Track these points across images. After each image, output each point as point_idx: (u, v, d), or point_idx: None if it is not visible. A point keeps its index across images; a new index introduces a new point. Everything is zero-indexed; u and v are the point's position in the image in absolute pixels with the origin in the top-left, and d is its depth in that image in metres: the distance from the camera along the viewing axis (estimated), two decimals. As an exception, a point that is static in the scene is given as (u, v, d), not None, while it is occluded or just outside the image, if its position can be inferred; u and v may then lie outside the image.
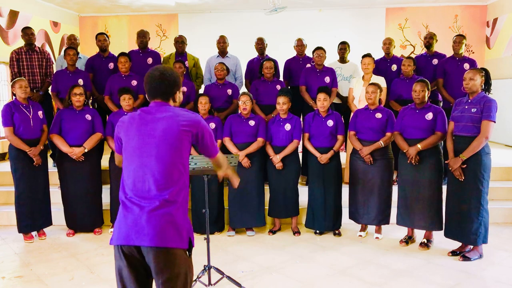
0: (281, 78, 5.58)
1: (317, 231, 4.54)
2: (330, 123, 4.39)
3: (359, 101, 4.90)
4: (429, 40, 5.44)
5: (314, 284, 3.41)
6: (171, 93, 2.06)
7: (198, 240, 3.49)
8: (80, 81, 5.05)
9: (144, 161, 1.93)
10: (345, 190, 4.56)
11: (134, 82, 5.07)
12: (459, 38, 5.18)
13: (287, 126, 4.45)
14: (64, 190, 4.56)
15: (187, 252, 1.98)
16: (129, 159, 1.97)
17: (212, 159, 2.23)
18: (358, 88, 4.95)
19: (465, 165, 3.70)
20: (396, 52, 6.67)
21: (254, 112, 4.67)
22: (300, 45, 5.57)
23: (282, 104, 4.43)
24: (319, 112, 4.44)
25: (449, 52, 5.32)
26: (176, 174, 1.94)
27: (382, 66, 5.37)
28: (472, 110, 3.67)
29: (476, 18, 8.68)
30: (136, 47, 5.78)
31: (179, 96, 2.12)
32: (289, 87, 5.47)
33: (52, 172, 4.69)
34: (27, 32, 5.24)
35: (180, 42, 5.62)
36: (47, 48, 8.07)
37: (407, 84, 4.84)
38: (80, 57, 5.52)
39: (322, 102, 4.37)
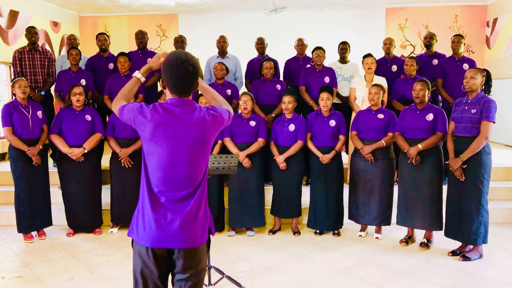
0: (281, 78, 5.58)
1: (317, 231, 4.54)
2: (332, 123, 4.39)
3: (362, 102, 4.89)
4: (429, 40, 5.44)
5: (314, 284, 3.41)
6: (196, 85, 1.98)
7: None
8: (83, 81, 5.06)
9: (175, 169, 1.89)
10: (346, 191, 4.56)
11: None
12: (458, 38, 5.18)
13: (291, 127, 4.44)
14: (64, 190, 4.56)
15: (207, 247, 2.04)
16: (158, 164, 1.90)
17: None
18: (361, 88, 4.94)
19: (466, 165, 3.70)
20: (396, 52, 6.67)
21: (254, 112, 4.67)
22: (300, 45, 5.57)
23: (287, 103, 4.43)
24: (321, 112, 4.44)
25: (449, 52, 5.32)
26: (201, 175, 1.96)
27: (382, 66, 5.37)
28: (472, 111, 3.67)
29: (476, 18, 8.68)
30: (136, 47, 5.78)
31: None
32: (288, 87, 5.47)
33: (52, 172, 4.69)
34: (31, 31, 5.25)
35: (179, 42, 5.62)
36: (47, 48, 8.06)
37: (410, 84, 4.82)
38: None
39: (325, 102, 4.36)
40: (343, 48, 5.51)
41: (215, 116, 1.95)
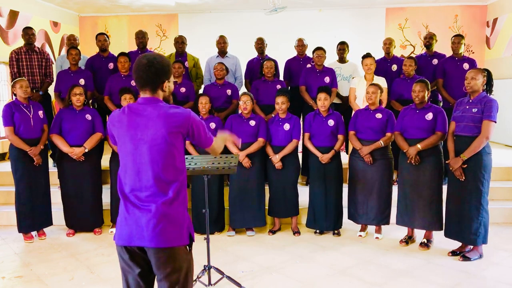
0: (281, 78, 5.58)
1: (317, 231, 4.54)
2: (331, 122, 4.39)
3: (363, 102, 4.89)
4: (429, 40, 5.44)
5: (314, 284, 3.41)
6: (160, 82, 1.95)
7: (198, 240, 3.47)
8: (82, 81, 5.06)
9: (139, 165, 1.92)
10: (345, 190, 4.56)
11: (134, 82, 5.07)
12: (458, 39, 5.18)
13: (286, 126, 4.45)
14: (64, 190, 4.56)
15: (188, 248, 2.00)
16: (124, 162, 1.97)
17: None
18: (361, 88, 4.94)
19: (466, 165, 3.70)
20: (396, 52, 6.68)
21: (254, 112, 4.67)
22: (300, 45, 5.57)
23: (281, 103, 4.44)
24: (320, 112, 4.44)
25: (449, 52, 5.32)
26: (172, 174, 1.94)
27: (382, 66, 5.37)
28: (473, 110, 3.67)
29: (476, 18, 8.68)
30: (136, 48, 5.78)
31: (169, 86, 2.01)
32: (289, 87, 5.47)
33: (52, 172, 4.69)
34: (28, 32, 5.24)
35: (180, 42, 5.62)
36: (47, 48, 8.07)
37: (408, 84, 4.84)
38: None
39: (322, 102, 4.37)
40: (341, 48, 5.51)
41: (177, 113, 1.93)
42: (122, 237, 1.93)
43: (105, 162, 4.87)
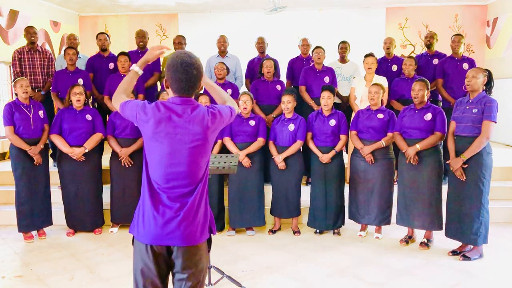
0: (283, 78, 5.57)
1: (317, 231, 4.54)
2: (332, 122, 4.39)
3: (361, 101, 4.89)
4: (430, 39, 5.44)
5: (314, 284, 3.41)
6: (199, 86, 2.00)
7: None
8: (80, 81, 5.05)
9: (173, 163, 1.90)
10: (346, 190, 4.56)
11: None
12: (458, 38, 5.18)
13: (291, 127, 4.44)
14: (64, 189, 4.56)
15: (208, 245, 2.04)
16: (158, 161, 1.92)
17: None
18: (361, 88, 4.94)
19: (467, 165, 3.70)
20: (396, 52, 6.67)
21: (254, 112, 4.67)
22: (305, 44, 5.54)
23: (287, 103, 4.43)
24: (322, 111, 4.44)
25: (449, 52, 5.32)
26: (202, 173, 1.97)
27: (382, 66, 5.37)
28: (473, 110, 3.67)
29: (476, 17, 8.68)
30: (135, 47, 5.78)
31: None
32: (292, 87, 5.47)
33: (52, 171, 4.68)
34: (29, 31, 5.24)
35: (176, 43, 5.61)
36: (47, 48, 8.06)
37: (408, 83, 4.84)
38: (80, 57, 5.52)
39: (326, 100, 4.36)
40: (343, 47, 5.50)
41: (214, 115, 1.96)
42: (149, 236, 1.90)
43: (105, 162, 4.86)
